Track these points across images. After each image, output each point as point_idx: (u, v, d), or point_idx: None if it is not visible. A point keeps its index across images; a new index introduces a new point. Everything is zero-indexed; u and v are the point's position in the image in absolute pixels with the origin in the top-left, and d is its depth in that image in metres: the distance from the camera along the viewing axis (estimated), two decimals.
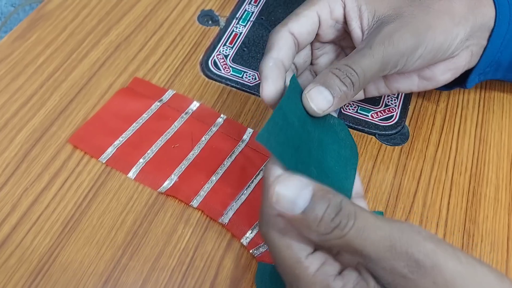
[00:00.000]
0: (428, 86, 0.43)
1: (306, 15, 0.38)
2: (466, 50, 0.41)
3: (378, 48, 0.35)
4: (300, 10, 0.38)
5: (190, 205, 0.40)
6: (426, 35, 0.37)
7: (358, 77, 0.34)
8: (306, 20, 0.38)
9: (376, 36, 0.35)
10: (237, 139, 0.45)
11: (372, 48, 0.35)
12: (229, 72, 0.50)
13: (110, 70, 0.49)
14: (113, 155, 0.43)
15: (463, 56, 0.41)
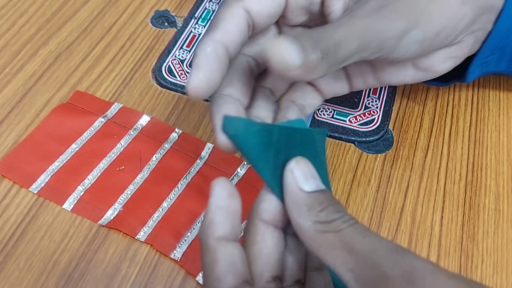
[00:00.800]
0: (425, 77, 0.36)
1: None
2: (471, 36, 0.34)
3: (359, 22, 0.27)
4: None
5: (136, 239, 0.34)
6: (423, 16, 0.29)
7: (331, 49, 0.26)
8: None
9: (359, 8, 0.28)
10: (194, 156, 0.39)
11: (352, 19, 0.27)
12: (185, 78, 0.44)
13: (48, 84, 0.43)
14: (46, 184, 0.36)
15: (467, 43, 0.34)
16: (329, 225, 0.23)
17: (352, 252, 0.22)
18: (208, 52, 0.26)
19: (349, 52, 0.27)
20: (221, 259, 0.23)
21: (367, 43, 0.28)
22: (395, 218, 0.37)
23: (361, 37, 0.27)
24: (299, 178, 0.24)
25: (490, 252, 0.36)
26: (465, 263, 0.35)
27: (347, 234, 0.22)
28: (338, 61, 0.27)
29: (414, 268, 0.20)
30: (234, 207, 0.24)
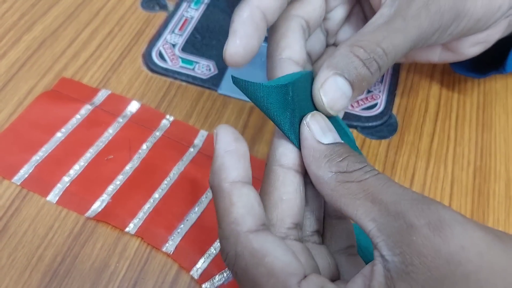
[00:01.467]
0: (452, 59, 0.35)
1: None
2: (505, 20, 0.32)
3: (414, 23, 0.27)
4: None
5: (126, 232, 0.32)
6: (464, 8, 0.29)
7: (388, 60, 0.26)
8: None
9: (410, 4, 0.27)
10: (187, 145, 0.36)
11: (407, 20, 0.26)
12: (177, 63, 0.42)
13: (32, 71, 0.40)
14: (30, 175, 0.34)
15: (499, 27, 0.33)
16: (351, 174, 0.22)
17: (375, 202, 0.21)
18: (244, 17, 0.26)
19: (402, 55, 0.27)
20: (238, 202, 0.22)
21: (418, 42, 0.28)
22: None
23: (415, 41, 0.27)
24: (317, 130, 0.24)
25: None
26: None
27: (370, 183, 0.21)
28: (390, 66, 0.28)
29: (441, 217, 0.19)
30: (243, 150, 0.23)
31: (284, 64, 0.27)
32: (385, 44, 0.26)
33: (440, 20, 0.28)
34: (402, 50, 0.27)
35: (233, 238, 0.22)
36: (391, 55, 0.26)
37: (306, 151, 0.24)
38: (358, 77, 0.25)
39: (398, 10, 0.27)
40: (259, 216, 0.22)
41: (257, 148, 0.37)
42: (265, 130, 0.38)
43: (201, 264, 0.31)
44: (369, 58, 0.25)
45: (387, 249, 0.20)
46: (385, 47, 0.26)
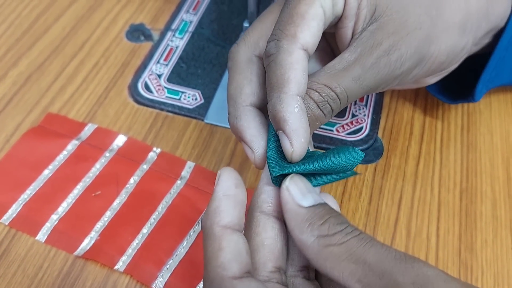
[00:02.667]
0: (413, 87, 0.36)
1: (314, 16, 0.27)
2: (465, 55, 0.34)
3: (372, 71, 0.27)
4: (304, 8, 0.27)
5: (115, 269, 0.32)
6: (428, 53, 0.30)
7: (340, 104, 0.27)
8: (317, 24, 0.27)
9: (371, 53, 0.28)
10: (175, 177, 0.37)
11: (365, 70, 0.27)
12: (163, 94, 0.42)
13: (19, 107, 0.40)
14: (18, 214, 0.34)
15: (460, 61, 0.34)
16: (332, 237, 0.22)
17: (358, 263, 0.21)
18: (296, 113, 0.25)
19: (356, 99, 0.28)
20: (226, 247, 0.22)
21: (375, 89, 0.29)
22: (389, 231, 0.35)
23: (372, 87, 0.28)
24: (296, 194, 0.24)
25: (489, 262, 0.34)
26: (464, 276, 0.34)
27: (352, 245, 0.22)
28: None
29: (425, 275, 0.20)
30: (241, 197, 0.24)
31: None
32: (340, 90, 0.27)
33: (401, 67, 0.28)
34: (357, 96, 0.28)
35: (217, 281, 0.22)
36: (344, 100, 0.27)
37: (288, 215, 0.24)
38: (312, 117, 0.26)
39: (358, 57, 0.27)
40: (246, 263, 0.22)
41: (245, 176, 0.37)
42: None
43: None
44: (323, 101, 0.26)
45: None
46: (339, 92, 0.27)
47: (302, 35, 0.26)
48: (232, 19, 0.48)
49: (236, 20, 0.48)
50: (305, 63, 0.26)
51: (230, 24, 0.48)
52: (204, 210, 0.35)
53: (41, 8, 0.48)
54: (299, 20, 0.27)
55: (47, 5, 0.49)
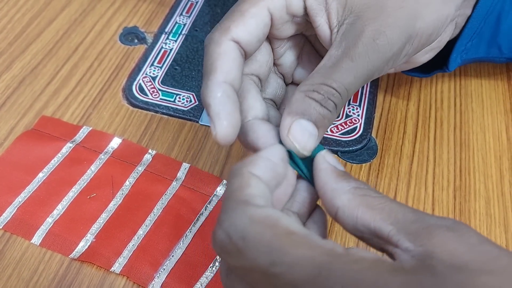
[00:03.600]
0: (407, 67, 0.36)
1: (254, 14, 0.28)
2: (451, 23, 0.34)
3: (362, 60, 0.28)
4: (246, 7, 0.28)
5: (111, 271, 0.32)
6: (415, 29, 0.30)
7: (342, 98, 0.27)
8: (255, 22, 0.28)
9: (356, 43, 0.28)
10: (170, 179, 0.37)
11: (355, 61, 0.27)
12: (158, 96, 0.42)
13: (12, 110, 0.40)
14: (12, 218, 0.34)
15: (448, 31, 0.34)
16: (368, 191, 0.24)
17: (391, 212, 0.22)
18: (219, 97, 0.26)
19: (355, 90, 0.28)
20: (254, 186, 0.23)
21: (370, 77, 0.29)
22: None
23: (367, 76, 0.28)
24: (332, 160, 0.26)
25: None
26: None
27: (385, 200, 0.23)
28: (346, 101, 0.29)
29: (457, 223, 0.21)
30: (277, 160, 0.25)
31: (254, 126, 0.28)
32: (336, 84, 0.27)
33: (391, 50, 0.28)
34: (355, 87, 0.28)
35: (239, 210, 0.22)
36: (344, 94, 0.27)
37: (323, 173, 0.25)
38: (319, 116, 0.26)
39: (345, 51, 0.28)
40: (269, 201, 0.23)
41: None
42: None
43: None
44: (324, 98, 0.26)
45: (409, 242, 0.21)
46: (337, 87, 0.27)
47: (236, 30, 0.27)
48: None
49: None
50: (235, 53, 0.27)
51: None
52: (201, 213, 0.35)
53: (33, 12, 0.48)
54: (236, 16, 0.28)
55: (40, 9, 0.49)
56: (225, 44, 0.27)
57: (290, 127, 0.26)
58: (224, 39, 0.27)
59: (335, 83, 0.27)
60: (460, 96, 0.44)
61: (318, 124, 0.26)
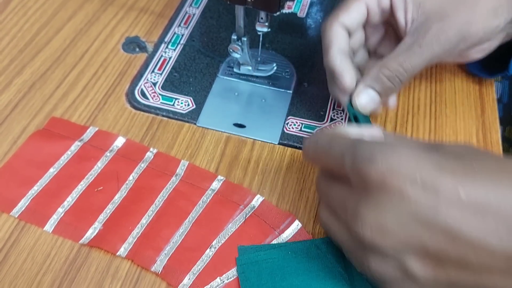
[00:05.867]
0: (461, 61, 0.45)
1: (356, 7, 0.41)
2: (502, 32, 0.42)
3: (427, 49, 0.38)
4: (350, 2, 0.41)
5: (117, 255, 0.35)
6: (468, 32, 0.39)
7: (407, 76, 0.39)
8: (357, 12, 0.41)
9: (425, 35, 0.38)
10: (170, 174, 0.40)
11: (422, 47, 0.38)
12: (158, 100, 0.46)
13: (24, 112, 0.44)
14: (27, 208, 0.37)
15: (499, 38, 0.42)
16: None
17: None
18: (340, 60, 0.40)
19: (419, 71, 0.39)
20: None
21: (431, 62, 0.40)
22: None
23: (429, 61, 0.39)
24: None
25: None
26: None
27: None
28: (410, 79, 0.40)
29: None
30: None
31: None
32: (406, 65, 0.38)
33: (449, 45, 0.39)
34: (419, 67, 0.39)
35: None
36: (409, 72, 0.38)
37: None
38: (384, 88, 0.39)
39: (416, 40, 0.39)
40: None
41: (234, 173, 0.41)
42: (240, 157, 0.42)
43: (187, 281, 0.34)
44: (392, 76, 0.38)
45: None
46: (405, 67, 0.38)
47: (342, 17, 0.40)
48: (221, 32, 0.53)
49: (224, 33, 0.52)
50: (344, 33, 0.41)
51: (219, 37, 0.52)
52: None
53: (41, 22, 0.52)
54: (343, 8, 0.41)
55: (48, 19, 0.52)
56: (336, 27, 0.40)
57: (360, 92, 0.39)
58: (336, 23, 0.40)
59: (405, 64, 0.38)
60: (435, 102, 0.48)
61: (382, 93, 0.39)
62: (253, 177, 0.41)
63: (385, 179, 0.26)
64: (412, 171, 0.26)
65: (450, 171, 0.26)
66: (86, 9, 0.54)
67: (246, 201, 0.38)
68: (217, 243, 0.36)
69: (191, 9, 0.55)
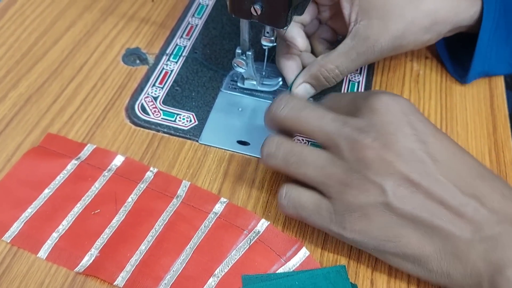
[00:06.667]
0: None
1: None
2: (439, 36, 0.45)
3: (363, 57, 0.43)
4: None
5: (115, 285, 0.33)
6: (401, 44, 0.43)
7: (342, 77, 0.44)
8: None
9: (363, 44, 0.42)
10: (171, 196, 0.38)
11: (358, 55, 0.43)
12: (159, 116, 0.44)
13: (19, 127, 0.42)
14: (20, 232, 0.35)
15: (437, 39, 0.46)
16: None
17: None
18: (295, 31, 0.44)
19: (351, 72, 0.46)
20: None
21: (364, 65, 0.47)
22: None
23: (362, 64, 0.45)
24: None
25: None
26: None
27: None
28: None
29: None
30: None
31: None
32: (342, 69, 0.43)
33: (382, 54, 0.43)
34: (352, 70, 0.44)
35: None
36: (344, 74, 0.44)
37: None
38: (320, 85, 0.45)
39: (355, 45, 0.43)
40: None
41: (238, 195, 0.39)
42: (245, 177, 0.40)
43: None
44: (329, 77, 0.44)
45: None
46: (341, 70, 0.43)
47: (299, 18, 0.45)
48: (224, 44, 0.51)
49: (227, 44, 0.51)
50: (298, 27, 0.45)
51: (222, 49, 0.50)
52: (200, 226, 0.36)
53: (39, 31, 0.50)
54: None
55: (45, 28, 0.50)
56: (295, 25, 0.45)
57: (299, 85, 0.45)
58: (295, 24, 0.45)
59: (341, 67, 0.43)
60: (446, 119, 0.46)
61: (317, 88, 0.45)
62: (257, 199, 0.39)
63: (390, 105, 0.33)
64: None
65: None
66: (85, 18, 0.52)
67: (250, 226, 0.37)
68: (220, 272, 0.34)
69: (194, 19, 0.53)
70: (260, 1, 0.37)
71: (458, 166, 0.32)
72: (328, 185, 0.33)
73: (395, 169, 0.31)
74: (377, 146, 0.31)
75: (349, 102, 0.36)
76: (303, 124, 0.34)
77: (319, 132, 0.34)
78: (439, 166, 0.31)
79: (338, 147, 0.32)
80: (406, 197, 0.30)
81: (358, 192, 0.31)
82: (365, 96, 0.34)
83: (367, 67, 0.50)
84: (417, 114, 0.33)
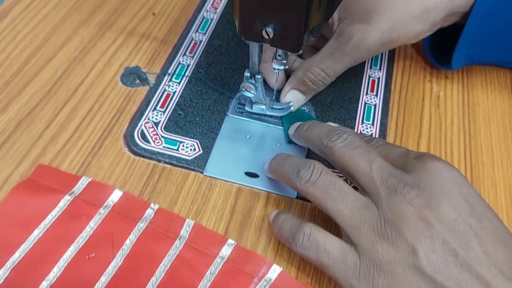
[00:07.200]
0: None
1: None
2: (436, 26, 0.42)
3: (348, 56, 0.41)
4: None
5: None
6: (389, 39, 0.41)
7: (330, 79, 0.42)
8: None
9: (347, 43, 0.40)
10: (173, 237, 0.35)
11: (343, 55, 0.41)
12: (160, 144, 0.40)
13: (7, 158, 0.38)
14: (6, 280, 0.32)
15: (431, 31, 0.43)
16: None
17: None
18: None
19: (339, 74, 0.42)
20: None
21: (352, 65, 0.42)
22: None
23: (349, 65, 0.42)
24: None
25: None
26: None
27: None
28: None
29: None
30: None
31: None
32: (328, 71, 0.41)
33: (369, 52, 0.41)
34: (340, 72, 0.42)
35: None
36: (332, 76, 0.42)
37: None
38: (308, 90, 0.42)
39: (339, 45, 0.41)
40: None
41: (246, 235, 0.36)
42: (253, 215, 0.37)
43: None
44: (316, 80, 0.42)
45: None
46: (328, 72, 0.41)
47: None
48: (230, 62, 0.47)
49: (234, 63, 0.47)
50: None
51: (228, 68, 0.47)
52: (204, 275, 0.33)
53: (31, 48, 0.47)
54: None
55: (38, 45, 0.47)
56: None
57: (287, 93, 0.43)
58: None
59: (327, 70, 0.41)
60: (470, 147, 0.43)
61: (307, 93, 0.43)
62: (268, 240, 0.36)
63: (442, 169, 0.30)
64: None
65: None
66: (81, 34, 0.48)
67: (261, 273, 0.33)
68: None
69: (198, 34, 0.50)
70: (273, 23, 0.33)
71: (503, 249, 0.28)
72: (360, 230, 0.30)
73: (433, 232, 0.27)
74: (419, 203, 0.29)
75: (401, 155, 0.33)
76: (350, 161, 0.32)
77: (363, 174, 0.31)
78: (482, 243, 0.28)
79: (378, 195, 0.30)
80: (441, 266, 0.27)
81: (389, 246, 0.28)
82: (419, 155, 0.32)
83: (384, 83, 0.47)
84: (470, 188, 0.30)
